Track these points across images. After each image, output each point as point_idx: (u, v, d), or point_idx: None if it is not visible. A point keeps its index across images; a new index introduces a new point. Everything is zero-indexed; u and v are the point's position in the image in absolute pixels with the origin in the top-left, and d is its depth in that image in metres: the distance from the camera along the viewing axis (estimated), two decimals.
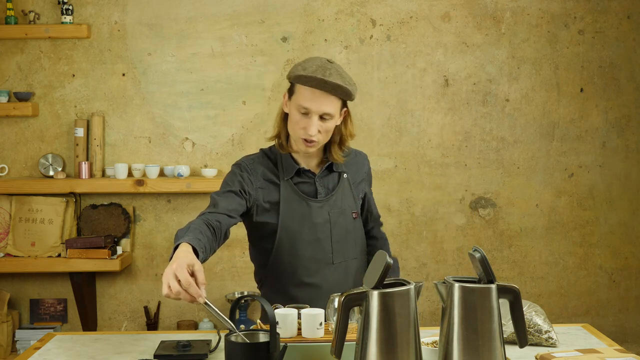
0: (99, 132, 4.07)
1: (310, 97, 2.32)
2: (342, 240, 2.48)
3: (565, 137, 4.18)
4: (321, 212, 2.45)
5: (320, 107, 2.32)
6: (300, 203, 2.45)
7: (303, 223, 2.45)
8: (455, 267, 4.19)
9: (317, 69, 2.32)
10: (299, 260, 2.46)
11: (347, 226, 2.49)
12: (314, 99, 2.32)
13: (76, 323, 4.13)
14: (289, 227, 2.44)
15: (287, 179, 2.45)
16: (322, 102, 2.33)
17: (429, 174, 4.17)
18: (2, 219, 4.04)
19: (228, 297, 4.06)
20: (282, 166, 2.46)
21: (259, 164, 2.47)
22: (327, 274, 2.47)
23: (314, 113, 2.33)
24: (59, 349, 2.23)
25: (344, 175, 2.51)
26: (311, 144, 2.37)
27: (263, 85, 4.12)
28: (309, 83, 2.32)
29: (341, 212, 2.48)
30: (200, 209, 4.12)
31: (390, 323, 1.74)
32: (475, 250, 1.81)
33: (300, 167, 2.46)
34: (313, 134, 2.34)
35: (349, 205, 2.50)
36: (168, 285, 1.93)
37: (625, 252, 4.24)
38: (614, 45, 4.16)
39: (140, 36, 4.10)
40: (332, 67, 2.34)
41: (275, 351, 1.84)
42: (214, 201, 2.35)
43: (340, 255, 2.48)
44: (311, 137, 2.34)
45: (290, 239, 2.45)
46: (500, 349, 1.79)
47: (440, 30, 4.13)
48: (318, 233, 2.45)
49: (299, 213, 2.44)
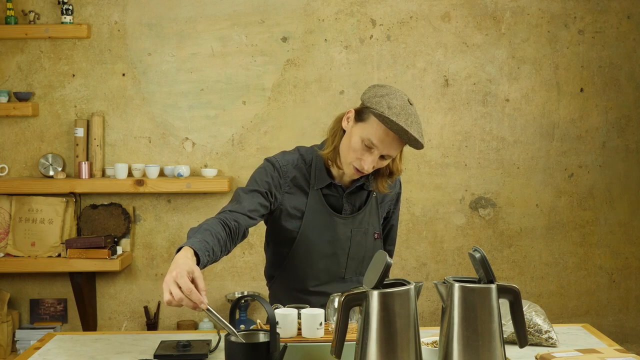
0: (99, 132, 4.07)
1: (383, 137, 2.22)
2: (358, 257, 2.46)
3: (565, 137, 4.18)
4: (344, 228, 2.41)
5: (388, 149, 2.24)
6: (325, 216, 2.40)
7: (323, 236, 2.41)
8: (455, 267, 4.19)
9: (401, 113, 2.18)
10: (311, 270, 2.44)
11: (367, 245, 2.46)
12: (386, 141, 2.23)
13: (76, 323, 4.13)
14: (308, 237, 2.40)
15: (316, 189, 2.39)
16: (393, 146, 2.24)
17: (429, 174, 4.17)
18: (2, 219, 4.05)
19: (228, 297, 4.06)
20: (314, 174, 2.40)
21: (292, 167, 2.39)
22: (336, 287, 2.45)
23: (378, 151, 2.24)
24: (59, 349, 2.23)
25: (373, 194, 2.45)
26: (360, 173, 2.30)
27: (263, 85, 4.12)
28: (388, 125, 2.19)
29: (364, 232, 2.44)
30: (200, 209, 4.12)
31: (390, 323, 1.74)
32: (475, 250, 1.81)
33: (332, 181, 2.40)
34: (368, 170, 2.27)
35: (373, 225, 2.46)
36: (170, 292, 1.87)
37: (625, 252, 4.24)
38: (614, 45, 4.16)
39: (140, 36, 4.10)
40: (412, 112, 2.21)
41: (275, 351, 1.84)
42: (237, 198, 2.30)
43: (352, 271, 2.47)
44: (364, 171, 2.27)
45: (307, 248, 2.42)
46: (500, 349, 1.79)
47: (440, 30, 4.13)
48: (336, 248, 2.42)
49: (321, 225, 2.40)
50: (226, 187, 3.98)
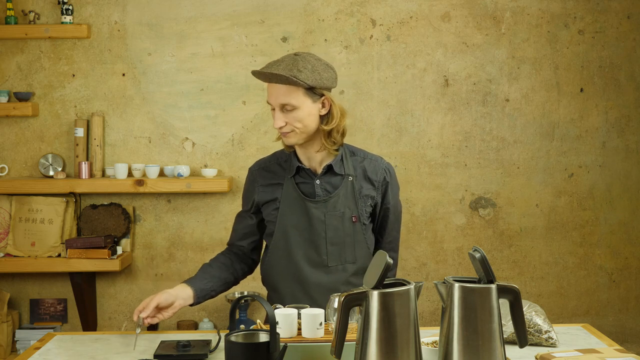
0: (99, 132, 4.07)
1: (269, 91, 2.41)
2: (338, 243, 2.47)
3: (565, 137, 4.18)
4: (317, 212, 2.45)
5: (276, 99, 2.39)
6: (298, 203, 2.46)
7: (298, 223, 2.46)
8: (455, 267, 4.19)
9: (268, 65, 2.39)
10: (292, 259, 2.47)
11: (345, 230, 2.47)
12: (271, 93, 2.40)
13: (76, 323, 4.13)
14: (285, 226, 2.47)
15: (290, 177, 2.48)
16: (276, 93, 2.38)
17: (429, 174, 4.17)
18: (2, 219, 4.05)
19: (228, 297, 4.06)
20: (288, 165, 2.51)
21: (267, 164, 2.56)
22: (321, 276, 2.46)
23: (274, 105, 2.40)
24: (59, 349, 2.23)
25: (349, 178, 2.49)
26: (285, 136, 2.42)
27: (263, 85, 4.10)
28: (260, 77, 2.41)
29: (339, 215, 2.46)
30: (200, 209, 4.12)
31: (390, 323, 1.74)
32: (475, 250, 1.81)
33: (301, 165, 2.48)
34: (277, 126, 2.40)
35: (350, 209, 2.47)
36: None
37: (625, 252, 4.24)
38: (614, 45, 4.16)
39: (140, 36, 4.10)
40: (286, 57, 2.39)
41: (275, 351, 1.84)
42: (234, 225, 2.63)
43: (336, 258, 2.47)
44: (280, 130, 2.41)
45: (285, 238, 2.48)
46: (500, 349, 1.79)
47: (440, 30, 4.13)
48: (312, 234, 2.46)
49: (295, 213, 2.46)
50: (226, 187, 3.98)
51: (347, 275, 2.49)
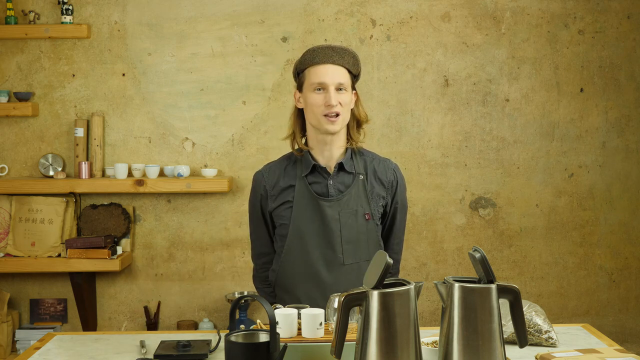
0: (99, 132, 4.07)
1: (323, 72, 2.41)
2: (353, 241, 2.47)
3: (565, 137, 4.18)
4: (331, 211, 2.45)
5: (333, 78, 2.41)
6: (312, 202, 2.46)
7: (313, 222, 2.46)
8: (455, 267, 4.19)
9: (316, 47, 2.44)
10: (309, 260, 2.47)
11: (359, 227, 2.48)
12: (327, 72, 2.41)
13: (76, 323, 4.13)
14: (299, 227, 2.47)
15: (303, 176, 2.48)
16: (334, 73, 2.41)
17: (429, 174, 4.17)
18: (2, 219, 4.05)
19: (228, 297, 4.06)
20: (300, 164, 2.51)
21: (274, 168, 2.55)
22: (338, 275, 2.47)
23: (329, 85, 2.40)
24: (59, 349, 2.23)
25: (360, 177, 2.51)
26: (335, 119, 2.42)
27: (263, 85, 4.12)
28: (316, 59, 2.42)
29: (352, 213, 2.47)
30: (200, 209, 4.12)
31: (390, 323, 1.74)
32: (475, 250, 1.81)
33: (316, 163, 2.48)
34: (335, 103, 2.39)
35: (362, 207, 2.49)
36: None
37: (625, 252, 4.24)
38: (614, 45, 4.16)
39: (140, 36, 4.10)
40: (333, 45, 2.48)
41: (275, 351, 1.84)
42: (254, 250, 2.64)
43: (351, 256, 2.47)
44: (333, 108, 2.40)
45: (300, 238, 2.47)
46: (500, 349, 1.79)
47: (440, 30, 4.13)
48: (328, 233, 2.46)
49: (310, 212, 2.46)
50: (226, 187, 3.98)
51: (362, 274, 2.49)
